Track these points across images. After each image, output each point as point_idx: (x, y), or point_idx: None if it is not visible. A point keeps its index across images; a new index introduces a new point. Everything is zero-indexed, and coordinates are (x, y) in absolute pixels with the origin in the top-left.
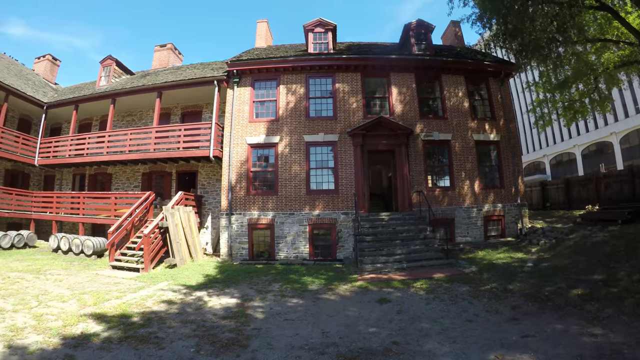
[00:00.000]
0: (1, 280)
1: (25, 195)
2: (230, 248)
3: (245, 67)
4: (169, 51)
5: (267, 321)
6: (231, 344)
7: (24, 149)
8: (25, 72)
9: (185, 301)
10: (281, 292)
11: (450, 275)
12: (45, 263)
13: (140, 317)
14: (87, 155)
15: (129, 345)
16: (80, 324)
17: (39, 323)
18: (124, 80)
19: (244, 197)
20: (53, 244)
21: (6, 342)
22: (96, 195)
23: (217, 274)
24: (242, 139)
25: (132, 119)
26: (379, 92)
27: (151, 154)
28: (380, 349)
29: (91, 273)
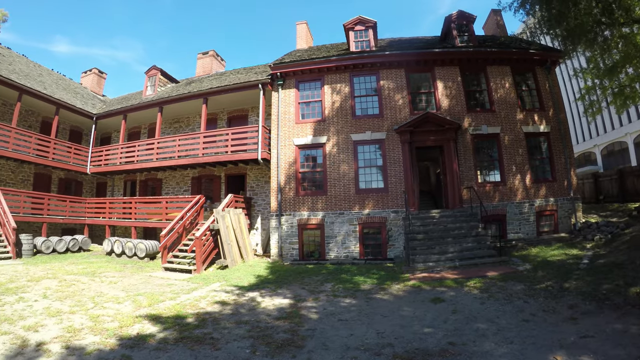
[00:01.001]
0: (58, 282)
1: (78, 202)
2: (280, 249)
3: (289, 69)
4: (211, 58)
5: (321, 321)
6: (286, 345)
7: (76, 158)
8: (73, 86)
9: (238, 302)
10: (333, 292)
11: (503, 273)
12: (100, 266)
13: (195, 318)
14: (137, 162)
15: (184, 345)
16: (136, 325)
17: (95, 324)
18: (169, 88)
19: (293, 198)
20: (107, 248)
21: (64, 342)
22: (147, 200)
23: (269, 274)
24: (290, 141)
25: (179, 126)
26: (424, 87)
27: (200, 158)
28: (437, 350)
29: (145, 275)
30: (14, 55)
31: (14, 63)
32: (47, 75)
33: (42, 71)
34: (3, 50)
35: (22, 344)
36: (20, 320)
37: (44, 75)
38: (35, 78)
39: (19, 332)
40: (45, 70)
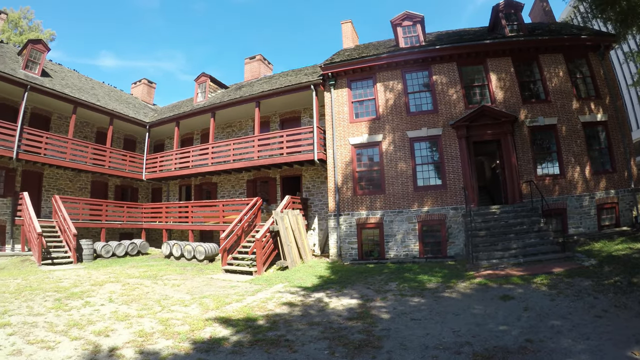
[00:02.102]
0: (122, 286)
1: (135, 208)
2: (339, 248)
3: (339, 68)
4: (259, 62)
5: (394, 321)
6: (364, 345)
7: (132, 165)
8: (125, 97)
9: (305, 303)
10: (400, 291)
11: (569, 269)
12: (160, 269)
13: (266, 320)
14: (192, 167)
15: (260, 348)
16: (208, 328)
17: (166, 328)
18: (220, 94)
19: (351, 198)
20: (165, 251)
21: (137, 347)
22: (204, 204)
23: (330, 274)
24: (345, 140)
25: (232, 130)
26: (478, 80)
27: (255, 161)
28: (515, 347)
29: (206, 277)
30: (65, 70)
31: (66, 78)
32: (99, 88)
33: (94, 84)
34: (55, 67)
35: (95, 349)
36: (90, 325)
37: (96, 88)
38: (88, 91)
39: (90, 337)
40: (96, 83)
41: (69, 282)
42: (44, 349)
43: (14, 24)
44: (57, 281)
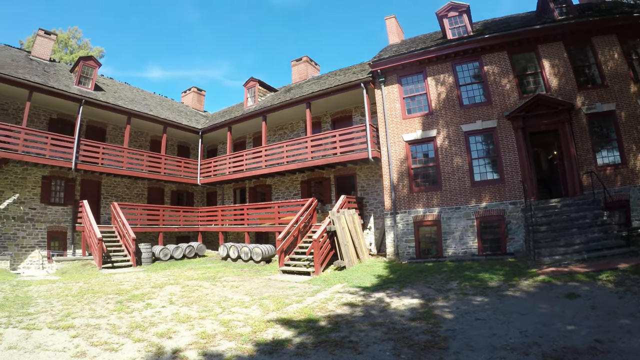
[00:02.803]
0: (181, 288)
1: (191, 212)
2: (396, 247)
3: (388, 65)
4: (305, 64)
5: (458, 321)
6: (430, 347)
7: (186, 171)
8: (176, 106)
9: (366, 303)
10: (461, 290)
11: (635, 265)
12: (218, 270)
13: (327, 321)
14: (246, 170)
15: (324, 350)
16: (269, 330)
17: (228, 329)
18: (269, 97)
19: (407, 195)
20: (222, 253)
21: (200, 349)
22: (259, 206)
23: (389, 274)
24: (399, 137)
25: (283, 132)
26: (530, 68)
27: (308, 162)
28: (585, 348)
29: (264, 278)
30: (117, 84)
31: (118, 91)
32: (150, 99)
33: (145, 95)
34: (106, 81)
35: (158, 351)
36: (152, 327)
37: (147, 98)
38: (140, 102)
39: (153, 339)
40: (147, 94)
41: (130, 284)
42: (108, 350)
43: (63, 44)
44: (118, 284)
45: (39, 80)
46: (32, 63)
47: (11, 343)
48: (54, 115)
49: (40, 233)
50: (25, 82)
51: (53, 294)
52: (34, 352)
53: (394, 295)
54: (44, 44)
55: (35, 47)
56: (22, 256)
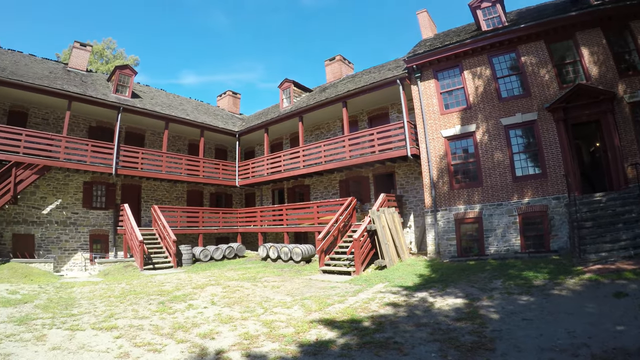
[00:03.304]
0: (222, 289)
1: (230, 213)
2: (437, 245)
3: (423, 60)
4: (339, 63)
5: (504, 321)
6: (476, 348)
7: (224, 173)
8: (212, 110)
9: (409, 303)
10: (506, 289)
11: None
12: (258, 271)
13: (371, 322)
14: (284, 170)
15: (369, 351)
16: (313, 330)
17: (270, 330)
18: (305, 98)
19: (447, 192)
20: (262, 253)
21: (243, 350)
22: (297, 206)
23: (431, 273)
24: (437, 133)
25: (320, 132)
26: (569, 56)
27: (347, 161)
28: (635, 348)
29: (304, 278)
30: (153, 90)
31: (155, 97)
32: (186, 104)
33: (182, 100)
34: (143, 88)
35: (201, 352)
36: (194, 328)
37: (184, 103)
38: (176, 107)
39: (195, 340)
40: (184, 99)
41: (171, 285)
42: (151, 351)
43: (99, 55)
44: (160, 285)
45: (77, 90)
46: (70, 74)
47: (55, 344)
48: (94, 123)
49: (83, 236)
50: (64, 93)
51: (96, 295)
52: (77, 353)
53: (437, 294)
54: (80, 56)
55: (72, 59)
56: (65, 259)
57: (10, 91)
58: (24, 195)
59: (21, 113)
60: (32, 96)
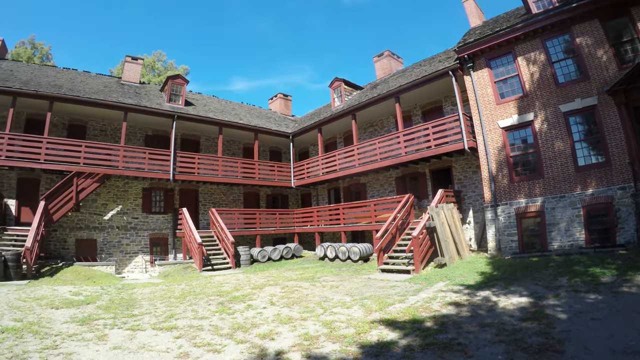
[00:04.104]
0: (281, 289)
1: (287, 214)
2: (498, 242)
3: (474, 49)
4: (388, 58)
5: (571, 321)
6: (544, 350)
7: (280, 175)
8: (264, 113)
9: (472, 302)
10: (572, 286)
11: None
12: (316, 271)
13: (433, 322)
14: (339, 170)
15: (432, 353)
16: (374, 331)
17: (331, 331)
18: (356, 95)
19: (507, 186)
20: (319, 253)
21: (303, 351)
22: (354, 205)
23: (492, 270)
24: (494, 124)
25: (374, 129)
26: (626, 34)
27: (402, 157)
28: None
29: (363, 278)
30: (205, 98)
31: (207, 104)
32: (239, 108)
33: (234, 105)
34: (195, 96)
35: (261, 353)
36: (254, 328)
37: (236, 108)
38: (229, 112)
39: (255, 340)
40: (236, 104)
41: (230, 286)
42: (211, 352)
43: (150, 67)
44: (219, 286)
45: (131, 102)
46: (124, 87)
47: (116, 343)
48: (150, 132)
49: (143, 240)
50: (120, 105)
51: (156, 296)
52: (137, 353)
53: (500, 293)
54: (132, 69)
55: (125, 73)
56: (127, 261)
57: (69, 106)
58: (85, 202)
59: (80, 126)
60: (90, 110)
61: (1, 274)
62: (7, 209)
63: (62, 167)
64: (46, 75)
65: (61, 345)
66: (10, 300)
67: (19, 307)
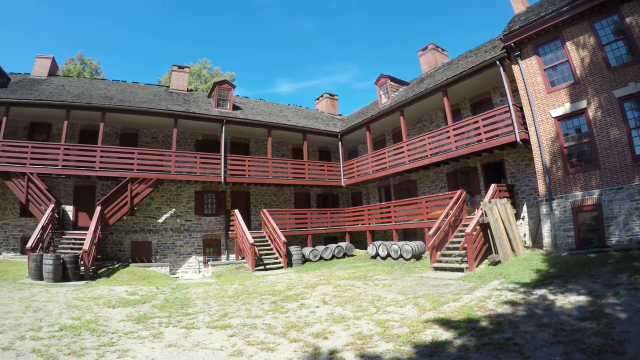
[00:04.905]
0: (333, 288)
1: (337, 213)
2: (554, 237)
3: (521, 36)
4: (432, 52)
5: (632, 321)
6: (603, 351)
7: (329, 174)
8: (312, 113)
9: (528, 301)
10: (632, 284)
11: None
12: (368, 270)
13: (489, 321)
14: (389, 167)
15: (488, 353)
16: (428, 330)
17: (384, 330)
18: (403, 91)
19: (562, 178)
20: (371, 252)
21: (357, 350)
22: (406, 203)
23: (548, 267)
24: (545, 114)
25: (422, 125)
26: None
27: (453, 152)
28: None
29: (415, 276)
30: (252, 101)
31: (255, 107)
32: (286, 110)
33: (281, 107)
34: (242, 100)
35: (314, 351)
36: (307, 327)
37: (283, 110)
38: (277, 114)
39: (308, 339)
40: (283, 106)
41: (282, 285)
42: (264, 350)
43: (196, 75)
44: (271, 285)
45: (181, 109)
46: (172, 95)
47: (171, 341)
48: (200, 137)
49: (196, 241)
50: (169, 112)
51: (210, 296)
52: (192, 350)
53: (557, 291)
54: (179, 77)
55: (172, 81)
56: (180, 262)
57: (120, 116)
58: (140, 206)
59: (132, 134)
60: (141, 118)
61: (60, 275)
62: (65, 214)
63: (116, 173)
64: (97, 88)
65: (117, 343)
66: (69, 299)
67: (77, 306)
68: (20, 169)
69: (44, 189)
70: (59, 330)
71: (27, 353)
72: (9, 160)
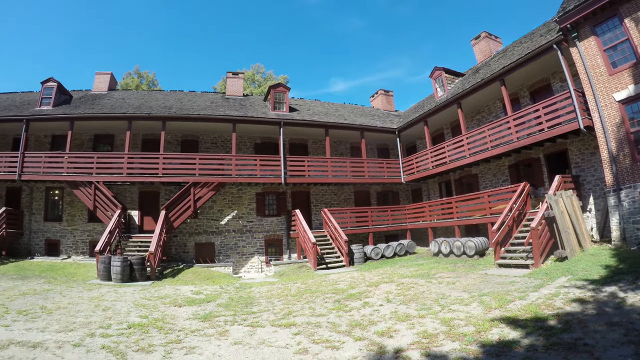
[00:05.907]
0: (396, 286)
1: (398, 210)
2: (622, 230)
3: (577, 16)
4: (486, 40)
5: None
6: None
7: (389, 171)
8: (367, 111)
9: (598, 299)
10: None
11: None
12: (431, 267)
13: (557, 320)
14: (449, 162)
15: (557, 354)
16: (494, 329)
17: (450, 329)
18: (458, 83)
19: (629, 167)
20: (434, 249)
21: (422, 349)
22: (467, 198)
23: (618, 263)
24: (609, 98)
25: (481, 116)
26: None
27: (514, 143)
28: None
29: (480, 273)
30: (308, 102)
31: (311, 108)
32: (342, 109)
33: (337, 107)
34: (298, 102)
35: (379, 350)
36: (371, 326)
37: (339, 109)
38: (333, 114)
39: (373, 337)
40: (338, 105)
41: (345, 284)
42: (329, 348)
43: (250, 80)
44: (334, 284)
45: (238, 114)
46: (229, 101)
47: (236, 339)
48: (258, 140)
49: (258, 241)
50: (227, 117)
51: (273, 294)
52: (258, 348)
53: (628, 289)
54: (234, 84)
55: (228, 88)
56: (243, 262)
57: (180, 124)
58: (203, 209)
59: (192, 141)
60: (200, 125)
61: (127, 276)
62: (131, 219)
63: (179, 179)
64: (155, 99)
65: (184, 340)
66: (136, 299)
67: (144, 305)
68: (87, 178)
69: (110, 196)
70: (127, 328)
71: (97, 349)
72: (76, 171)
